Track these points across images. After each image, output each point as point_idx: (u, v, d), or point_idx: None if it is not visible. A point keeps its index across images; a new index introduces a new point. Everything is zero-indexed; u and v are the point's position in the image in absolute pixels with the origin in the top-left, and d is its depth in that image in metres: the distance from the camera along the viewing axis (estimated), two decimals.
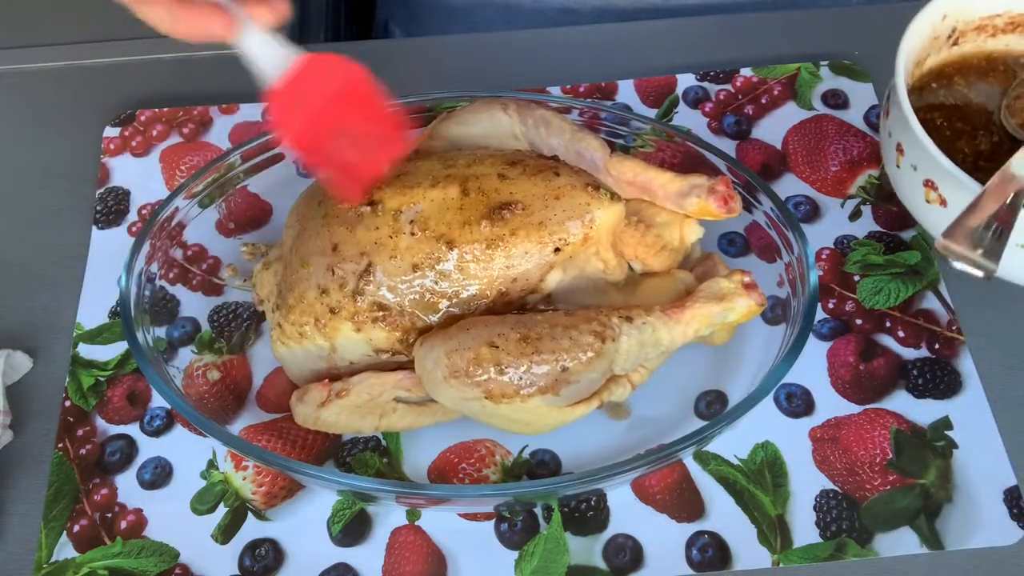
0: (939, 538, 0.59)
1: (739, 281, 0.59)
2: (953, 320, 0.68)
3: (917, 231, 0.72)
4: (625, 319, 0.57)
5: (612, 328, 0.56)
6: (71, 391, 0.66)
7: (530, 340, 0.55)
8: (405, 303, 0.58)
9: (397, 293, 0.58)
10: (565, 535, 0.60)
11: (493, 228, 0.58)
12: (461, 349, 0.56)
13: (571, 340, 0.55)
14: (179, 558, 0.60)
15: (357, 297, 0.58)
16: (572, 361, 0.55)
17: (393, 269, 0.58)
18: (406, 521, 0.61)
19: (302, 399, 0.60)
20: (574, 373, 0.56)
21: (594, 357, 0.56)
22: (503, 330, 0.56)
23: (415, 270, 0.58)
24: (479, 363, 0.55)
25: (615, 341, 0.56)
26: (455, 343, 0.56)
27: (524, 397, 0.55)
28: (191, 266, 0.69)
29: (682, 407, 0.64)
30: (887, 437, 0.63)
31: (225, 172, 0.69)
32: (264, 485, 0.62)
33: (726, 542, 0.60)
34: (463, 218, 0.58)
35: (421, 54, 0.86)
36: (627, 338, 0.56)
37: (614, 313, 0.57)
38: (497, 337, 0.56)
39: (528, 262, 0.58)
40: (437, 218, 0.58)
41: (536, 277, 0.59)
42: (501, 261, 0.58)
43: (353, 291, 0.58)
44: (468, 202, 0.58)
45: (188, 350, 0.66)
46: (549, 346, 0.55)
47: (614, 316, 0.57)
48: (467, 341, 0.56)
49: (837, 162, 0.75)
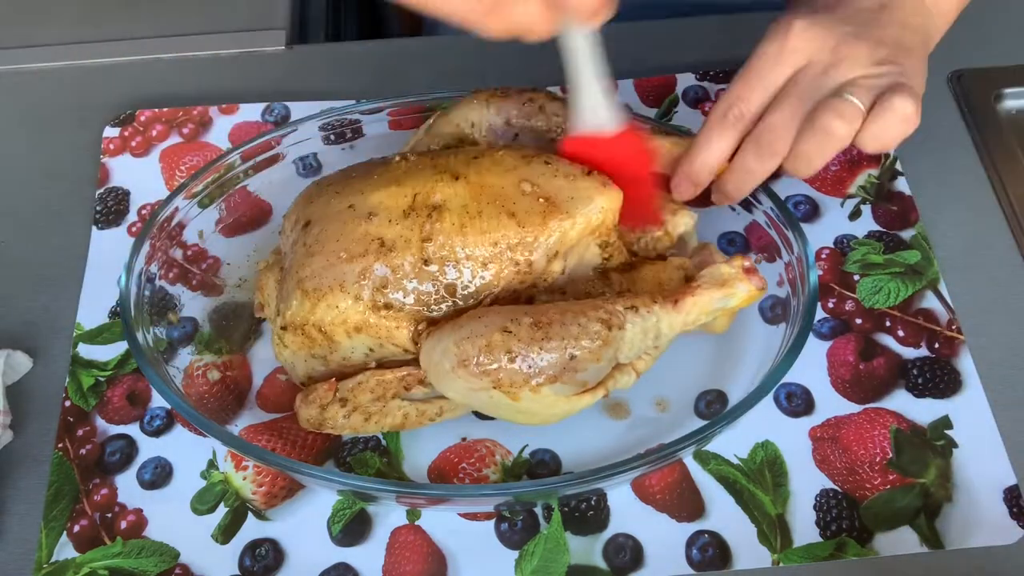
0: (939, 537, 0.59)
1: (739, 266, 0.59)
2: (953, 319, 0.68)
3: (917, 231, 0.72)
4: (631, 308, 0.57)
5: (618, 316, 0.56)
6: (71, 391, 0.66)
7: (542, 325, 0.55)
8: (411, 300, 0.58)
9: (402, 291, 0.58)
10: (565, 535, 0.60)
11: (493, 221, 0.58)
12: (473, 336, 0.56)
13: (580, 327, 0.56)
14: (179, 558, 0.60)
15: (360, 296, 0.58)
16: (580, 349, 0.55)
17: (396, 267, 0.58)
18: (406, 521, 0.61)
19: (306, 401, 0.60)
20: (582, 361, 0.56)
21: (602, 345, 0.56)
22: (516, 315, 0.56)
23: (418, 267, 0.58)
24: (491, 350, 0.55)
25: (621, 329, 0.56)
26: (466, 331, 0.56)
27: (534, 387, 0.56)
28: (191, 266, 0.69)
29: (682, 407, 0.64)
30: (887, 436, 0.63)
31: (225, 172, 0.69)
32: (264, 485, 0.62)
33: (726, 542, 0.60)
34: (463, 212, 0.58)
35: (421, 54, 0.86)
36: (632, 326, 0.57)
37: (619, 301, 0.57)
38: (510, 322, 0.56)
39: (533, 252, 0.58)
40: (437, 214, 0.58)
41: (541, 266, 0.59)
42: (505, 253, 0.58)
43: (355, 291, 0.58)
44: (468, 196, 0.59)
45: (188, 350, 0.66)
46: (559, 332, 0.55)
47: (619, 304, 0.57)
48: (479, 328, 0.56)
49: (837, 161, 0.75)
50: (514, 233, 0.58)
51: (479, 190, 0.59)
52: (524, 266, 0.59)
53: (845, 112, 0.58)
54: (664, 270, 0.62)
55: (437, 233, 0.58)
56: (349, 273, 0.58)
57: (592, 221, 0.59)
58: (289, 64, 0.84)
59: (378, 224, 0.58)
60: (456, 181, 0.59)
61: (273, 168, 0.71)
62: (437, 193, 0.59)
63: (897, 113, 0.58)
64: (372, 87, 0.81)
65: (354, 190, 0.61)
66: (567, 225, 0.58)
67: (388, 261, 0.58)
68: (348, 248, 0.58)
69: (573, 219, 0.59)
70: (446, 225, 0.58)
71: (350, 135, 0.72)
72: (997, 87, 0.80)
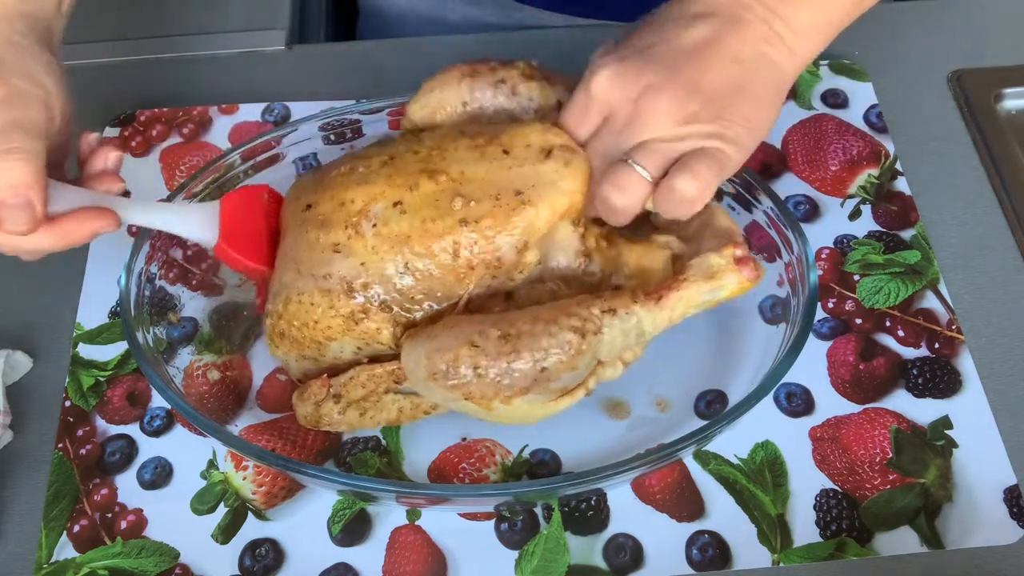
0: (939, 537, 0.59)
1: (730, 256, 0.56)
2: (953, 319, 0.68)
3: (917, 231, 0.72)
4: (608, 312, 0.55)
5: (594, 321, 0.54)
6: (71, 391, 0.66)
7: (509, 338, 0.54)
8: (380, 306, 0.57)
9: (369, 297, 0.57)
10: (565, 535, 0.60)
11: (449, 222, 0.56)
12: (442, 350, 0.55)
13: (550, 337, 0.54)
14: (179, 558, 0.60)
15: (333, 304, 0.57)
16: (551, 361, 0.54)
17: (370, 268, 0.57)
18: (406, 521, 0.61)
19: (301, 398, 0.60)
20: (555, 372, 0.54)
21: (575, 355, 0.54)
22: (484, 328, 0.55)
23: (388, 268, 0.57)
24: (457, 364, 0.54)
25: (597, 335, 0.54)
26: (437, 343, 0.55)
27: (505, 399, 0.55)
28: (191, 266, 0.69)
29: (682, 407, 0.64)
30: (887, 436, 0.63)
31: (225, 172, 0.69)
32: (264, 485, 0.62)
33: (726, 541, 0.60)
34: (418, 217, 0.56)
35: (421, 54, 0.86)
36: (610, 330, 0.54)
37: (596, 304, 0.55)
38: (478, 336, 0.54)
39: (500, 244, 0.56)
40: (400, 215, 0.57)
41: (512, 259, 0.57)
42: (473, 248, 0.56)
43: (327, 300, 0.57)
44: (421, 200, 0.57)
45: (188, 350, 0.66)
46: (528, 344, 0.54)
47: (595, 307, 0.55)
48: (448, 341, 0.55)
49: (837, 161, 0.75)
50: (475, 233, 0.56)
51: (434, 192, 0.57)
52: (493, 262, 0.57)
53: (624, 183, 0.54)
54: (648, 253, 0.59)
55: (393, 240, 0.56)
56: (318, 281, 0.57)
57: (557, 206, 0.56)
58: (289, 64, 0.84)
59: (334, 232, 0.57)
60: (412, 184, 0.57)
61: (273, 168, 0.71)
62: (392, 197, 0.57)
63: (675, 194, 0.54)
64: (372, 87, 0.81)
65: (312, 193, 0.60)
66: (531, 214, 0.56)
67: (347, 269, 0.57)
68: (310, 257, 0.58)
69: (536, 208, 0.56)
70: (403, 229, 0.56)
71: (350, 135, 0.72)
72: (997, 87, 0.80)
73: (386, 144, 0.62)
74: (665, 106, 0.53)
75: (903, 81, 0.80)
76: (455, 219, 0.56)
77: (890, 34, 0.66)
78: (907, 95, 0.80)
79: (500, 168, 0.57)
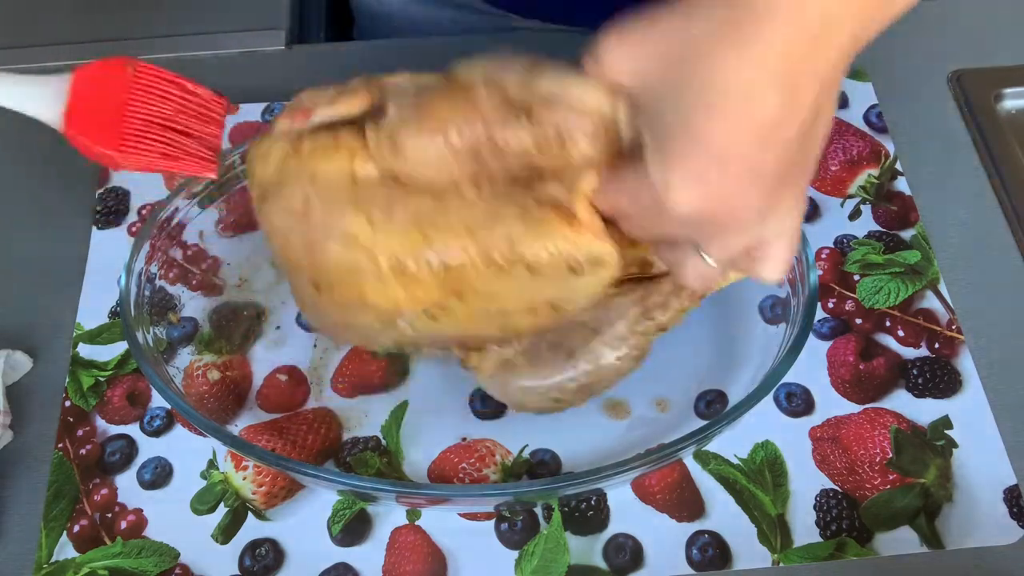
0: (939, 537, 0.59)
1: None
2: (953, 319, 0.68)
3: (917, 231, 0.72)
4: (660, 328, 0.57)
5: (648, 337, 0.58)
6: (71, 391, 0.66)
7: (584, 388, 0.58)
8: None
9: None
10: (565, 535, 0.60)
11: (494, 324, 0.53)
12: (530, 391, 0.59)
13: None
14: (179, 558, 0.60)
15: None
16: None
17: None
18: (406, 521, 0.61)
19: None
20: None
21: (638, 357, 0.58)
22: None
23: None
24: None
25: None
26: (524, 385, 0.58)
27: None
28: (191, 266, 0.69)
29: (682, 407, 0.64)
30: (887, 436, 0.63)
31: (225, 172, 0.69)
32: (264, 485, 0.62)
33: (726, 541, 0.60)
34: (466, 323, 0.52)
35: (421, 54, 0.86)
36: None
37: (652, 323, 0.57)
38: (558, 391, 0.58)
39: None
40: (432, 320, 0.52)
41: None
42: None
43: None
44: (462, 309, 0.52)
45: (188, 350, 0.66)
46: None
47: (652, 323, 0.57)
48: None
49: (836, 161, 0.75)
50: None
51: (468, 310, 0.52)
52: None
53: (707, 274, 0.49)
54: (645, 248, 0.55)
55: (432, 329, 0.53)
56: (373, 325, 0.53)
57: (593, 298, 0.52)
58: (289, 64, 0.84)
59: (364, 317, 0.53)
60: (441, 304, 0.51)
61: None
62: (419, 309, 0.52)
63: (759, 279, 0.49)
64: None
65: (316, 271, 0.52)
66: (568, 314, 0.53)
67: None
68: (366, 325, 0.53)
69: (572, 308, 0.52)
70: (440, 327, 0.53)
71: None
72: (997, 87, 0.80)
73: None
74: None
75: (903, 81, 0.81)
76: (494, 326, 0.53)
77: (890, 34, 0.66)
78: (907, 95, 0.80)
79: (530, 287, 0.51)
